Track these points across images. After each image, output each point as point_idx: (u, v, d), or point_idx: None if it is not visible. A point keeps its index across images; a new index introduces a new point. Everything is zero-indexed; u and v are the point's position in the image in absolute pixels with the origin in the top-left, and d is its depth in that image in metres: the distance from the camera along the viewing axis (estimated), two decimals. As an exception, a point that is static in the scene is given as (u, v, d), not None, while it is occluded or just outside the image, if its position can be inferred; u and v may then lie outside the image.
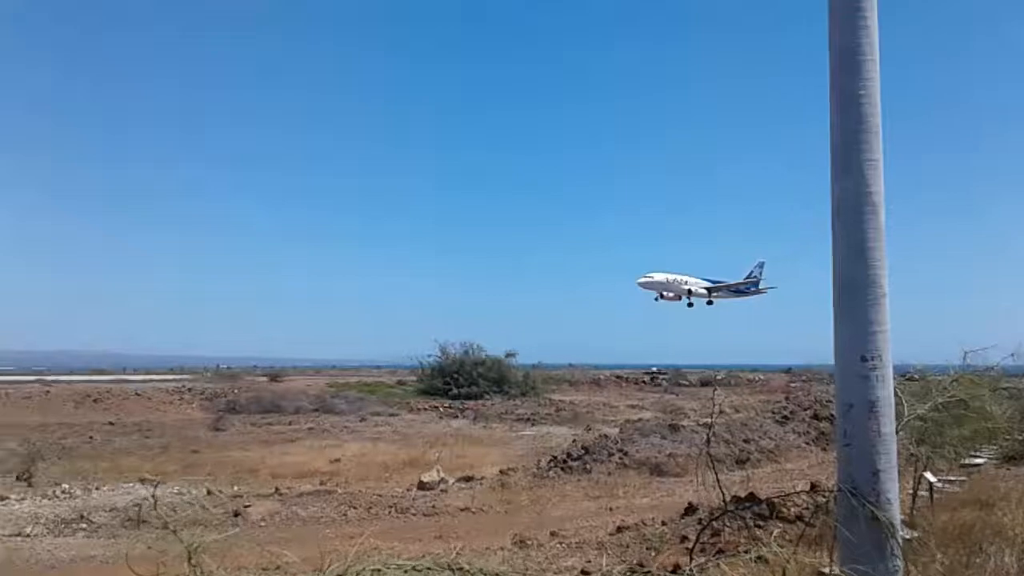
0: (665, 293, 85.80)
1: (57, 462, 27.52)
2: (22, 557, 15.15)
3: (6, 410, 57.01)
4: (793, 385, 71.22)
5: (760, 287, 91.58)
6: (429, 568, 4.21)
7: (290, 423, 47.33)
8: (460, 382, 65.05)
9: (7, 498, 20.56)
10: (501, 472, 25.54)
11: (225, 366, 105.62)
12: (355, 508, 20.65)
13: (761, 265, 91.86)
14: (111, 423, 49.60)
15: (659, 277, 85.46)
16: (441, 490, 23.10)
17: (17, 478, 23.90)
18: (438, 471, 24.51)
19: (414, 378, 73.60)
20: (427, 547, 14.58)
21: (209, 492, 22.15)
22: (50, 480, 23.91)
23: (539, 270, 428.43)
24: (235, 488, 23.39)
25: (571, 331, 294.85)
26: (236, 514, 19.34)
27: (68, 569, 14.27)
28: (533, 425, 47.11)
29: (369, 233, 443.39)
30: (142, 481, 23.76)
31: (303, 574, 4.93)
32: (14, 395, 65.43)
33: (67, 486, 22.15)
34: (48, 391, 70.38)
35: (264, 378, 80.00)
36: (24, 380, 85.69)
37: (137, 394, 66.41)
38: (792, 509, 13.09)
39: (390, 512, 20.43)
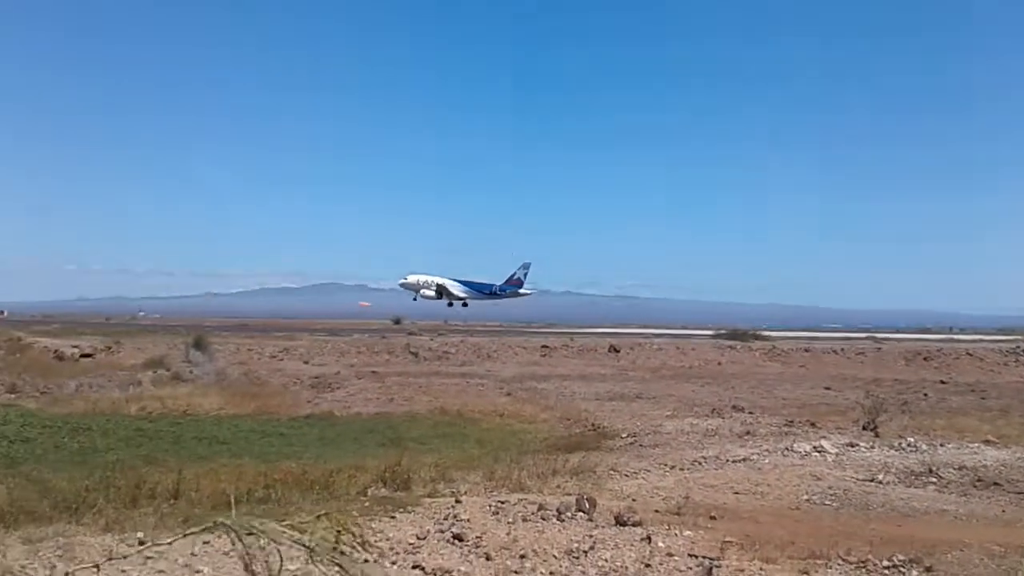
0: (424, 292, 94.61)
1: (897, 415, 28.34)
2: (876, 501, 15.87)
3: (840, 364, 61.74)
4: None
5: (522, 290, 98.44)
6: None
7: None
8: None
9: (857, 445, 21.98)
10: None
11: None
12: None
13: (527, 266, 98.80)
14: (942, 381, 49.06)
15: (412, 279, 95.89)
16: None
17: (863, 428, 25.42)
18: None
19: None
20: None
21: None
22: (894, 432, 24.72)
23: None
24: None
25: None
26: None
27: (923, 520, 14.39)
28: None
29: None
30: (986, 442, 22.73)
31: None
32: (847, 350, 70.45)
33: (912, 439, 22.56)
34: (879, 348, 73.63)
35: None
36: (854, 337, 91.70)
37: (968, 354, 64.10)
38: None
39: None
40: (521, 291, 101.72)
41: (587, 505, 13.08)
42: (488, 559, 10.42)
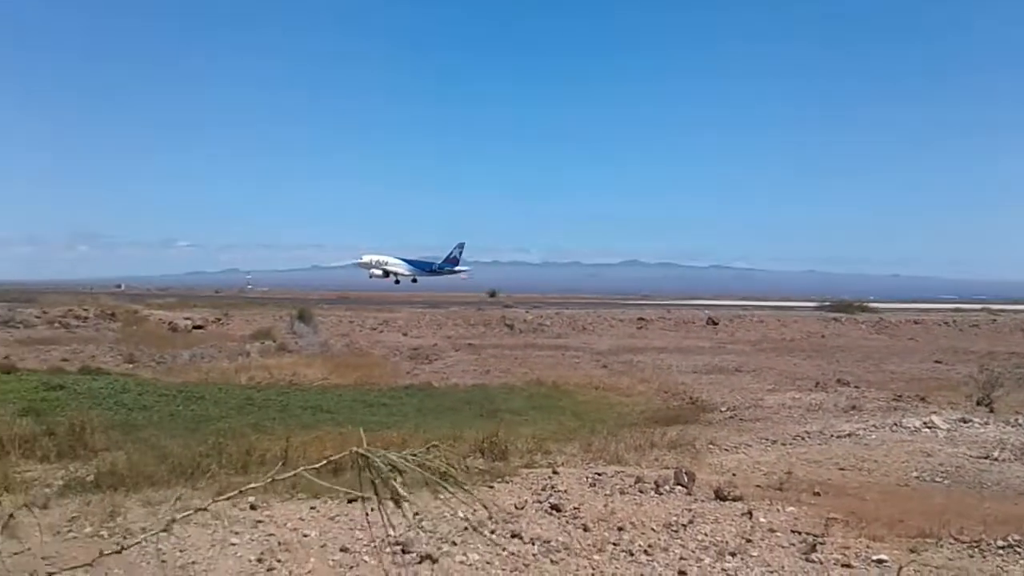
0: (372, 271, 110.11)
1: (1014, 390, 26.88)
2: (991, 479, 15.17)
3: (952, 336, 58.93)
4: None
5: (458, 268, 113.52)
6: None
7: None
8: None
9: (970, 421, 20.98)
10: None
11: None
12: None
13: (461, 246, 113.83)
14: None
15: (366, 259, 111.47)
16: None
17: (977, 403, 24.26)
18: None
19: None
20: None
21: None
22: (1010, 407, 23.52)
23: None
24: None
25: None
26: None
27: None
28: None
29: None
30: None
31: None
32: (960, 322, 67.25)
33: (1030, 415, 21.44)
34: (995, 319, 70.01)
35: None
36: (968, 308, 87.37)
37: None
38: None
39: None
40: (456, 268, 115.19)
41: (686, 479, 12.96)
42: (586, 530, 10.47)
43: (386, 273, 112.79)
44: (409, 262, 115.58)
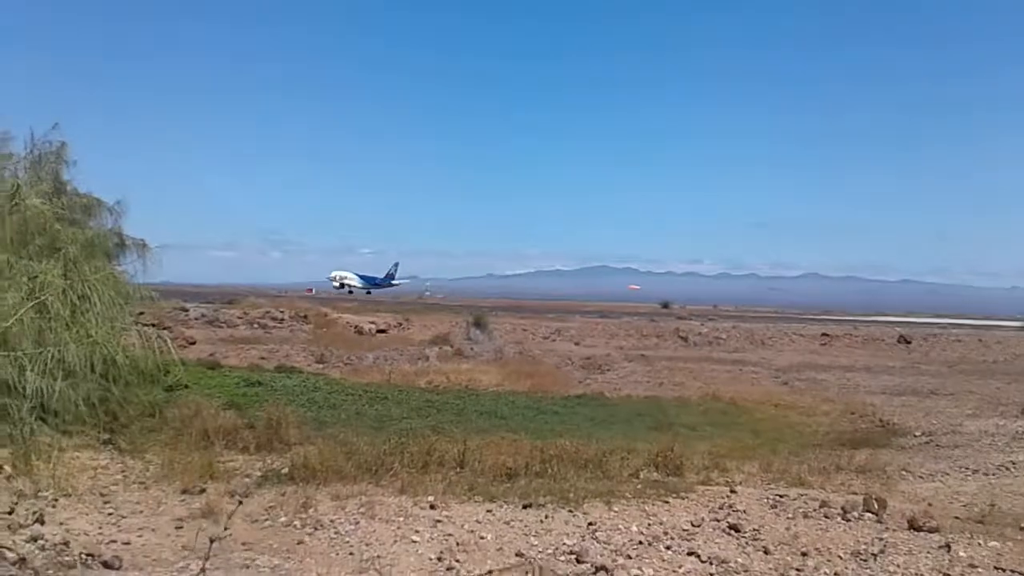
0: (334, 284, 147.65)
1: None
2: None
3: None
4: None
5: (394, 281, 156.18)
6: None
7: None
8: None
9: None
10: None
11: None
12: None
13: (396, 265, 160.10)
14: None
15: (333, 274, 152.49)
16: None
17: None
18: None
19: None
20: None
21: None
22: None
23: None
24: None
25: None
26: None
27: None
28: None
29: None
30: None
31: None
32: None
33: None
34: None
35: None
36: None
37: None
38: None
39: None
40: (393, 282, 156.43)
41: (876, 506, 12.06)
42: (767, 553, 9.97)
43: (342, 285, 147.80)
44: (362, 277, 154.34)
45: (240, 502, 10.51)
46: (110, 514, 10.67)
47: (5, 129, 9.76)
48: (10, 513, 9.42)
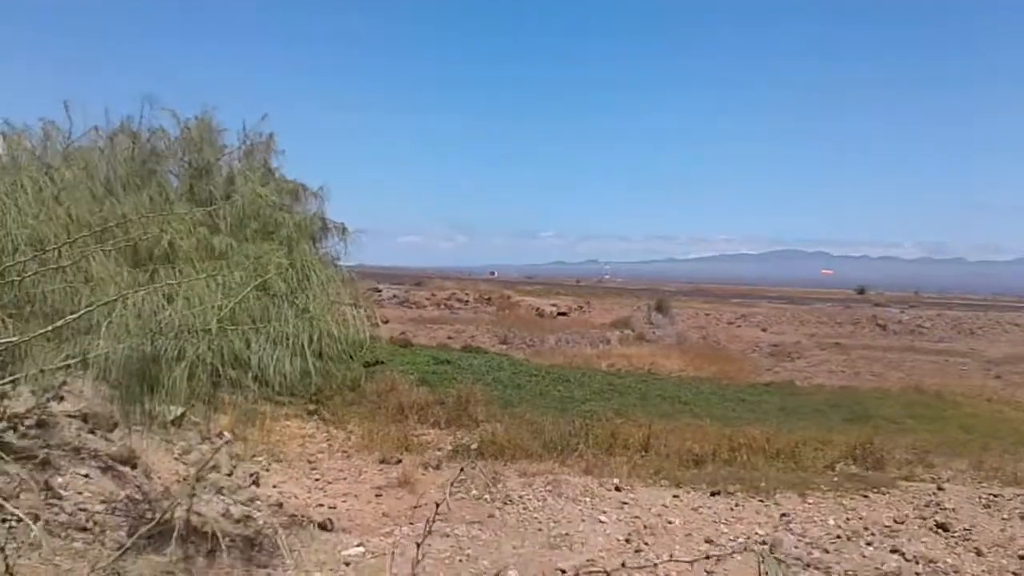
0: None
1: None
2: None
3: None
4: None
5: None
6: None
7: None
8: None
9: None
10: None
11: None
12: None
13: None
14: None
15: None
16: None
17: None
18: None
19: None
20: None
21: None
22: None
23: None
24: None
25: None
26: None
27: None
28: None
29: None
30: None
31: None
32: None
33: None
34: None
35: None
36: None
37: None
38: None
39: None
40: None
41: (1107, 512, 10.76)
42: (979, 554, 9.20)
43: None
44: None
45: (453, 485, 11.01)
46: (317, 480, 11.53)
47: (219, 121, 10.72)
48: (230, 475, 10.38)
